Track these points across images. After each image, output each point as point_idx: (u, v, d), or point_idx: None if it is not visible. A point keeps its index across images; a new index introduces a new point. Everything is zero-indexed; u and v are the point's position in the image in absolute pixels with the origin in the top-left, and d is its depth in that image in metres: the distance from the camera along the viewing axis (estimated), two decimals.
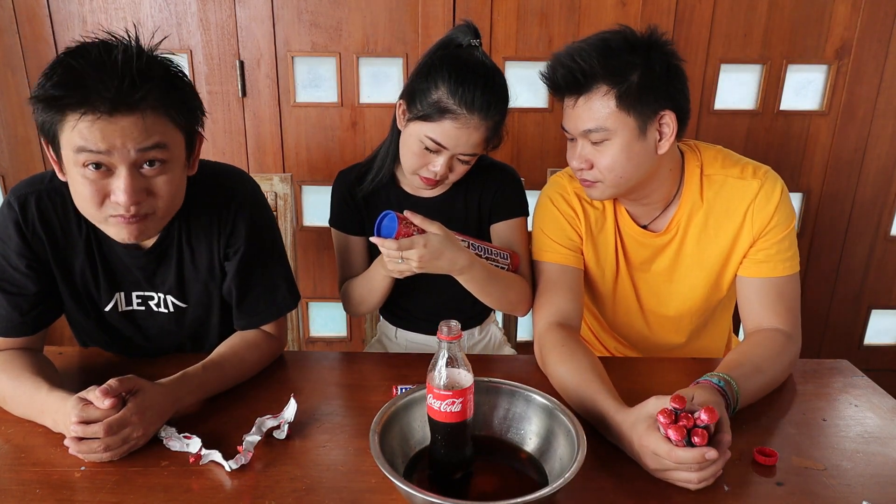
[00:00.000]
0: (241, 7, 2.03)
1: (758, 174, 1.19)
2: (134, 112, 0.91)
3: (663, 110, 1.10)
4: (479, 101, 1.14)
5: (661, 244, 1.25)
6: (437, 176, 1.21)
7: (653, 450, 0.85)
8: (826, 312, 2.39)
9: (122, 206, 0.94)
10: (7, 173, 2.18)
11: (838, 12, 2.04)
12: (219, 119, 2.13)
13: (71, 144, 0.91)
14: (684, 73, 1.13)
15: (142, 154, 0.93)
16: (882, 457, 0.96)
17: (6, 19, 2.02)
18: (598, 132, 1.10)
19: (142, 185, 0.95)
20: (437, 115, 1.15)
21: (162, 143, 0.95)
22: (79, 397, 0.92)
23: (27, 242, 1.06)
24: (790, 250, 1.20)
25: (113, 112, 0.89)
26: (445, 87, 1.15)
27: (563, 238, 1.26)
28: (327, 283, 2.32)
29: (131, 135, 0.91)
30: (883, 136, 2.17)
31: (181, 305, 1.17)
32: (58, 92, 0.89)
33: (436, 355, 0.84)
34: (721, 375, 0.99)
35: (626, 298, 1.32)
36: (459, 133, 1.16)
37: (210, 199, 1.13)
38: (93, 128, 0.89)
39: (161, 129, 0.95)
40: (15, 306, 1.07)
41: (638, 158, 1.12)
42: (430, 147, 1.18)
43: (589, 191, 1.19)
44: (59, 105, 0.90)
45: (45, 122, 0.93)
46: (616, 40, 1.09)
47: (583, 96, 1.10)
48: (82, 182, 0.93)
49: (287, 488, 0.87)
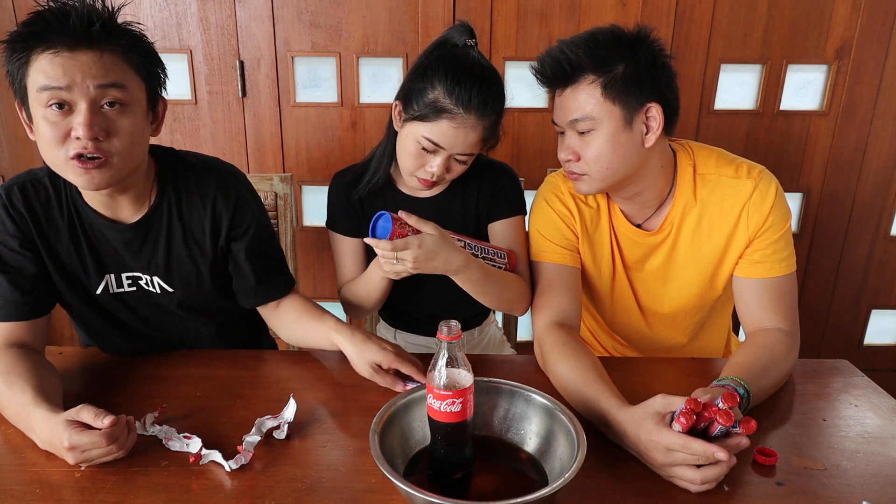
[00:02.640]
0: (241, 7, 2.03)
1: (752, 174, 1.19)
2: (94, 48, 0.97)
3: (649, 102, 1.11)
4: (475, 101, 1.14)
5: (654, 243, 1.25)
6: (435, 177, 1.21)
7: (665, 444, 0.85)
8: (826, 312, 2.39)
9: (81, 142, 0.97)
10: (7, 173, 2.18)
11: (838, 12, 2.04)
12: (219, 119, 2.13)
13: (35, 86, 0.96)
14: (672, 68, 1.14)
15: (100, 91, 0.97)
16: (882, 457, 0.96)
17: (6, 19, 2.02)
18: (584, 121, 1.11)
19: (101, 124, 0.98)
20: (434, 115, 1.15)
21: (120, 83, 0.99)
22: (67, 420, 0.89)
23: (16, 224, 1.09)
24: (786, 250, 1.20)
25: (73, 48, 0.95)
26: (442, 87, 1.15)
27: (560, 238, 1.26)
28: (327, 283, 2.32)
29: (90, 71, 0.96)
30: (883, 136, 2.17)
31: (168, 290, 1.18)
32: (23, 31, 0.96)
33: (436, 355, 0.84)
34: (739, 381, 0.99)
35: (623, 297, 1.32)
36: (456, 133, 1.16)
37: (206, 179, 1.17)
38: (54, 62, 0.95)
39: (119, 70, 0.99)
40: (16, 286, 1.08)
41: (624, 150, 1.13)
42: (426, 147, 1.18)
43: (577, 184, 1.20)
44: (24, 46, 0.96)
45: (14, 72, 0.98)
46: (604, 34, 1.11)
47: (570, 86, 1.12)
48: (45, 125, 0.97)
49: (287, 488, 0.87)
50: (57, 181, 1.11)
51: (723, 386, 0.98)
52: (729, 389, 0.95)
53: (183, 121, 2.13)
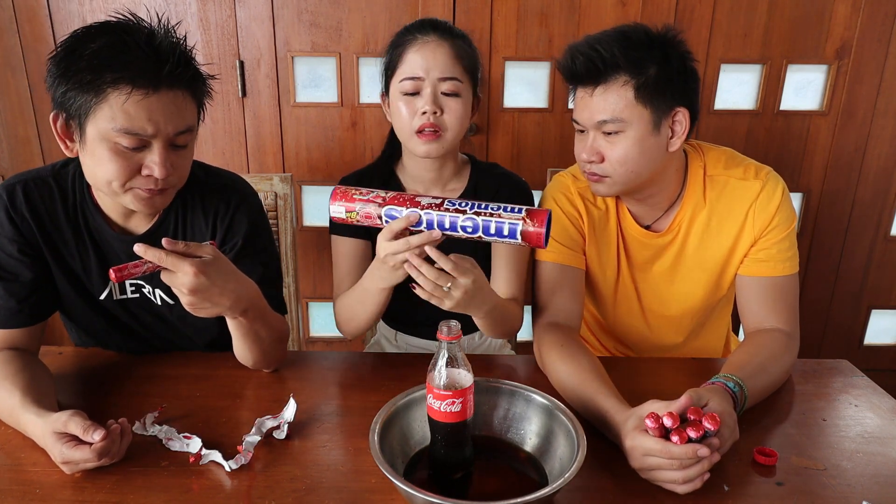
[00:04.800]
0: (241, 7, 2.03)
1: (760, 175, 1.19)
2: (174, 90, 0.96)
3: (678, 107, 1.10)
4: (427, 23, 1.19)
5: (662, 244, 1.25)
6: (429, 116, 1.16)
7: (643, 450, 0.85)
8: (826, 312, 2.39)
9: (156, 180, 0.98)
10: (7, 173, 2.18)
11: (838, 12, 2.04)
12: (219, 119, 2.13)
13: (112, 125, 0.93)
14: (698, 74, 1.14)
15: (176, 136, 0.98)
16: (882, 457, 0.96)
17: (6, 19, 2.02)
18: (613, 123, 1.10)
19: (171, 161, 0.99)
20: (400, 57, 1.19)
21: (192, 126, 1.01)
22: (57, 434, 0.87)
23: (17, 227, 1.06)
24: (790, 250, 1.20)
25: (158, 88, 0.93)
26: (399, 36, 1.21)
27: (566, 238, 1.25)
28: (327, 283, 2.31)
29: (171, 115, 0.96)
30: (883, 136, 2.17)
31: (169, 302, 1.17)
32: (101, 65, 0.91)
33: (436, 355, 0.84)
34: (735, 379, 0.99)
35: (627, 299, 1.32)
36: (424, 55, 1.16)
37: (210, 193, 1.15)
38: (139, 105, 0.92)
39: (191, 112, 1.01)
40: (11, 293, 1.06)
41: (650, 154, 1.12)
42: (408, 90, 1.17)
43: (595, 186, 1.18)
44: (101, 78, 0.91)
45: (75, 98, 0.93)
46: (636, 33, 1.09)
47: (601, 85, 1.10)
48: (112, 157, 0.95)
49: (287, 488, 0.87)
50: (64, 183, 1.09)
51: (713, 384, 0.98)
52: (721, 393, 0.94)
53: None
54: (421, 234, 0.92)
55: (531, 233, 0.88)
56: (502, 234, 0.89)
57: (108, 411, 1.03)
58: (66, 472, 0.88)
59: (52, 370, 1.09)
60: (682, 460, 0.82)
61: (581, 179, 1.26)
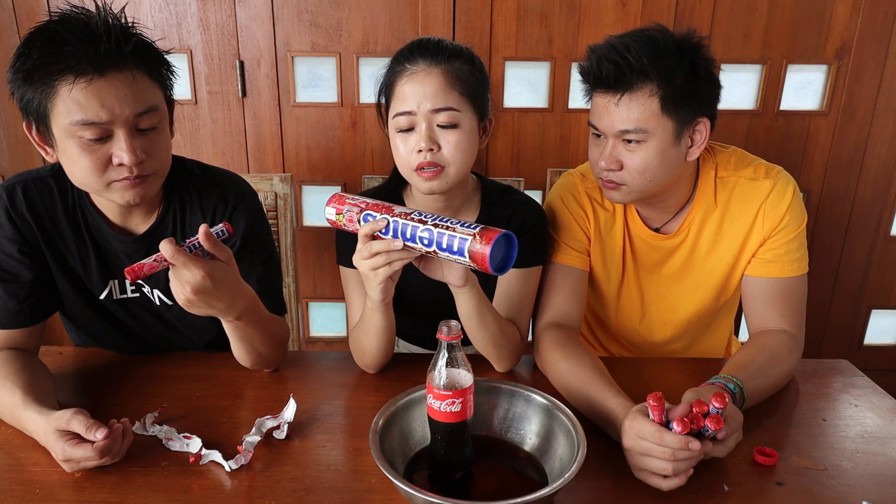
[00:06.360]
0: (241, 7, 2.02)
1: (770, 174, 1.18)
2: (123, 69, 0.94)
3: (701, 117, 1.08)
4: (416, 49, 1.08)
5: (671, 246, 1.24)
6: (425, 155, 1.07)
7: (638, 430, 0.85)
8: (826, 312, 2.39)
9: (127, 168, 0.96)
10: (7, 173, 2.18)
11: (838, 12, 2.04)
12: (219, 119, 2.13)
13: (68, 119, 0.92)
14: (720, 82, 1.11)
15: (137, 119, 0.96)
16: (882, 457, 0.96)
17: (6, 19, 2.02)
18: (636, 133, 1.07)
19: (140, 146, 0.98)
20: (392, 89, 1.10)
21: (153, 106, 0.98)
22: (59, 431, 0.87)
23: (17, 228, 1.06)
24: (799, 251, 1.19)
25: (103, 71, 0.92)
26: (390, 66, 1.12)
27: (571, 239, 1.24)
28: (327, 284, 2.32)
29: (126, 98, 0.94)
30: (883, 136, 2.17)
31: (168, 302, 1.17)
32: (44, 62, 0.91)
33: (436, 355, 0.84)
34: (734, 380, 0.99)
35: (630, 301, 1.32)
36: (414, 87, 1.06)
37: (209, 192, 1.15)
38: (88, 93, 0.91)
39: (150, 91, 0.98)
40: (11, 294, 1.06)
41: (669, 163, 1.10)
42: (403, 126, 1.08)
43: (611, 193, 1.16)
44: (45, 74, 0.91)
45: (33, 100, 0.94)
46: (664, 39, 1.05)
47: (626, 94, 1.05)
48: (80, 153, 0.95)
49: (287, 488, 0.87)
50: (63, 183, 1.09)
51: (712, 384, 0.98)
52: (719, 386, 0.94)
53: (183, 121, 2.13)
54: (383, 240, 0.92)
55: (476, 252, 0.84)
56: (452, 250, 0.86)
57: (108, 411, 1.03)
58: (68, 470, 0.88)
59: (52, 370, 1.10)
60: (673, 449, 0.82)
61: (590, 179, 1.25)
